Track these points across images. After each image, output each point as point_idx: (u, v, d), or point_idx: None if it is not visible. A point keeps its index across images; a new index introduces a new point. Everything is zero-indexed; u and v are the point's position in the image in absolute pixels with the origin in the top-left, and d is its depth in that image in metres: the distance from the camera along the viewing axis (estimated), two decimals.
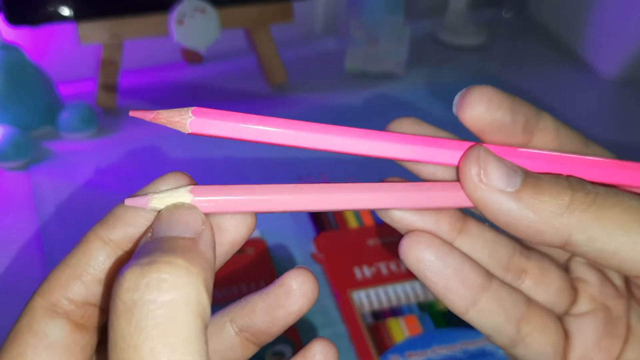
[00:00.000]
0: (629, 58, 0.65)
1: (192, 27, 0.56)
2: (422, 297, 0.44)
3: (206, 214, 0.17)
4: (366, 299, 0.43)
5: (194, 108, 0.17)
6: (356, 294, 0.43)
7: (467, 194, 0.17)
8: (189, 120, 0.17)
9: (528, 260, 0.20)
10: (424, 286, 0.19)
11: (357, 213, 0.49)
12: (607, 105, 0.67)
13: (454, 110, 0.18)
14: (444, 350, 0.41)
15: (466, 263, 0.19)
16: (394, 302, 0.43)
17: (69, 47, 0.62)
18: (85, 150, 0.55)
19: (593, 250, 0.17)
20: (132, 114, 0.17)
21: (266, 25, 0.62)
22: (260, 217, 0.19)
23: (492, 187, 0.17)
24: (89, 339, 0.17)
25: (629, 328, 0.20)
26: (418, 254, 0.19)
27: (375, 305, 0.43)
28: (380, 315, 0.43)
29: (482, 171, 0.17)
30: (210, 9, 0.56)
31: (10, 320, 0.17)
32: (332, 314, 0.43)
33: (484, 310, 0.19)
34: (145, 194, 0.17)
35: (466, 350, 0.41)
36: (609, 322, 0.20)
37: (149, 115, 0.17)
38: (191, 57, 0.66)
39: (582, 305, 0.20)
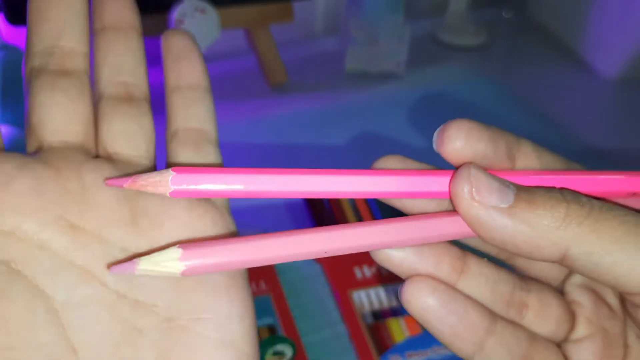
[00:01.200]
0: (629, 58, 0.65)
1: (192, 27, 0.56)
2: None
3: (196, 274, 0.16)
4: (366, 299, 0.43)
5: (173, 168, 0.16)
6: (356, 294, 0.43)
7: (462, 214, 0.17)
8: (170, 183, 0.16)
9: (528, 293, 0.20)
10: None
11: (357, 213, 0.49)
12: (607, 105, 0.67)
13: (434, 146, 0.18)
14: (444, 350, 0.41)
15: (470, 307, 0.18)
16: (394, 302, 0.43)
17: None
18: None
19: (590, 265, 0.17)
20: (108, 183, 0.16)
21: (266, 25, 0.62)
22: (261, 218, 0.19)
23: (485, 205, 0.16)
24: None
25: (626, 347, 0.20)
26: (421, 302, 0.18)
27: (375, 305, 0.43)
28: (380, 315, 0.43)
29: (473, 189, 0.16)
30: (210, 9, 0.56)
31: None
32: (332, 314, 0.43)
33: (490, 353, 0.19)
34: (132, 260, 0.16)
35: None
36: (606, 344, 0.20)
37: (126, 183, 0.16)
38: None
39: (580, 330, 0.20)
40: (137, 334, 0.16)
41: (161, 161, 0.20)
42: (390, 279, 0.44)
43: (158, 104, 0.21)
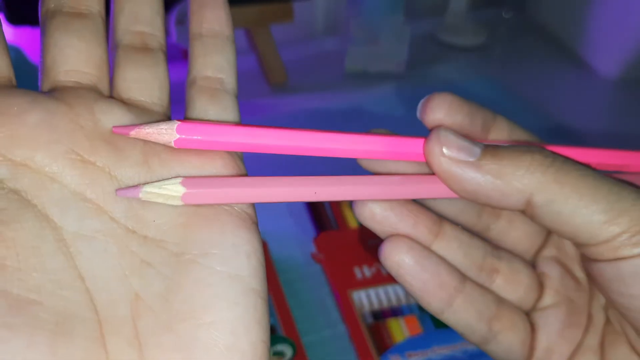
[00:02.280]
0: (629, 58, 0.65)
1: None
2: None
3: (195, 204, 0.17)
4: (366, 299, 0.43)
5: (179, 120, 0.18)
6: (356, 294, 0.43)
7: (435, 171, 0.19)
8: (174, 139, 0.17)
9: (500, 260, 0.22)
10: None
11: None
12: (607, 106, 0.67)
13: (418, 114, 0.20)
14: (444, 350, 0.41)
15: (442, 266, 0.20)
16: (394, 302, 0.43)
17: None
18: None
19: (551, 213, 0.18)
20: (115, 131, 0.17)
21: (266, 25, 0.62)
22: (261, 218, 0.19)
23: (455, 159, 0.18)
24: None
25: (589, 317, 0.21)
26: (398, 258, 0.20)
27: (375, 305, 0.43)
28: (380, 315, 0.43)
29: (444, 147, 0.18)
30: None
31: None
32: (332, 314, 0.43)
33: (458, 311, 0.20)
34: (137, 185, 0.17)
35: (466, 350, 0.41)
36: (571, 312, 0.21)
37: (130, 130, 0.17)
38: None
39: (547, 299, 0.22)
40: (146, 266, 0.16)
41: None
42: (390, 279, 0.44)
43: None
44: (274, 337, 0.40)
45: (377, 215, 0.20)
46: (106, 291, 0.15)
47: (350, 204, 0.22)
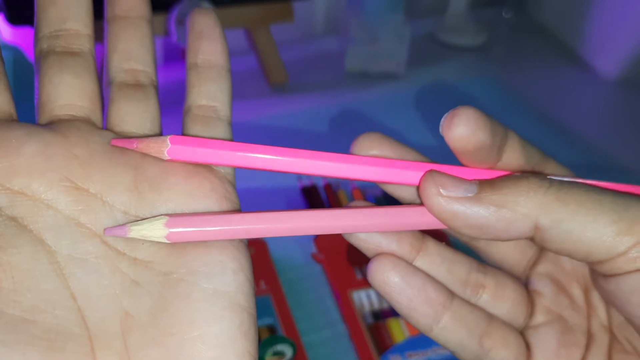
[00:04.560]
0: (629, 58, 0.65)
1: None
2: None
3: (181, 242, 0.18)
4: (366, 299, 0.43)
5: (171, 135, 0.19)
6: (356, 294, 0.43)
7: (435, 214, 0.19)
8: (167, 149, 0.18)
9: (485, 275, 0.21)
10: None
11: None
12: (607, 106, 0.67)
13: (440, 130, 0.19)
14: (444, 350, 0.41)
15: (428, 283, 0.20)
16: None
17: None
18: None
19: (561, 233, 0.18)
20: (113, 142, 0.19)
21: (266, 25, 0.62)
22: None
23: (454, 198, 0.18)
24: None
25: (590, 336, 0.21)
26: (384, 276, 0.20)
27: (375, 305, 0.43)
28: (380, 315, 0.43)
29: (440, 188, 0.18)
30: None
31: None
32: (332, 314, 0.43)
33: (447, 327, 0.20)
34: (124, 225, 0.17)
35: None
36: (565, 331, 0.21)
37: (130, 144, 0.19)
38: None
39: (539, 317, 0.21)
40: (135, 286, 0.17)
41: None
42: None
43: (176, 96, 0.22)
44: (274, 337, 0.40)
45: (361, 235, 0.20)
46: (97, 309, 0.16)
47: None
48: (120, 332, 0.16)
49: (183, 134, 0.21)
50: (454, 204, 0.18)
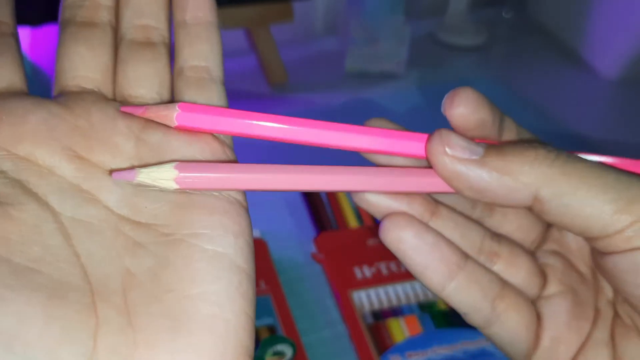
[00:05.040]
0: (629, 58, 0.65)
1: None
2: (422, 297, 0.44)
3: (190, 189, 0.18)
4: (366, 299, 0.43)
5: (180, 103, 0.19)
6: (356, 294, 0.43)
7: (439, 170, 0.19)
8: (175, 114, 0.18)
9: (499, 244, 0.21)
10: (405, 266, 0.21)
11: (357, 213, 0.49)
12: (607, 106, 0.67)
13: (442, 109, 0.20)
14: (444, 350, 0.41)
15: (443, 242, 0.20)
16: (394, 302, 0.43)
17: None
18: None
19: (560, 206, 0.18)
20: (123, 109, 0.19)
21: (266, 25, 0.62)
22: (261, 218, 0.19)
23: (459, 158, 0.18)
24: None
25: (597, 311, 0.21)
26: (397, 233, 0.20)
27: (376, 305, 0.43)
28: (380, 315, 0.43)
29: (447, 147, 0.18)
30: None
31: None
32: (332, 314, 0.43)
33: (461, 287, 0.20)
34: (132, 169, 0.18)
35: (467, 350, 0.41)
36: (577, 304, 0.21)
37: (138, 111, 0.19)
38: None
39: (552, 287, 0.21)
40: (137, 247, 0.17)
41: None
42: (390, 279, 0.44)
43: None
44: (274, 337, 0.40)
45: (371, 198, 0.20)
46: (99, 267, 0.17)
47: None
48: (121, 288, 0.16)
49: (176, 98, 0.21)
50: (458, 164, 0.18)
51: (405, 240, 0.20)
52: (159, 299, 0.16)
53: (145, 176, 0.18)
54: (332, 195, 0.50)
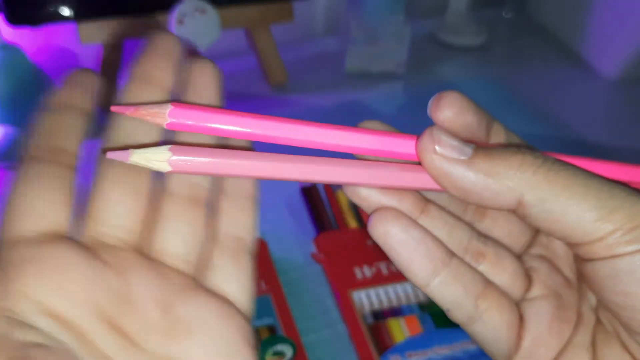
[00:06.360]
0: (629, 58, 0.65)
1: (192, 27, 0.56)
2: (422, 297, 0.44)
3: (182, 173, 0.18)
4: (366, 299, 0.43)
5: (172, 102, 0.18)
6: (356, 294, 0.43)
7: (427, 168, 0.19)
8: (167, 115, 0.18)
9: (485, 245, 0.22)
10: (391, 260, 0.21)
11: (357, 213, 0.49)
12: (608, 106, 0.67)
13: (428, 112, 0.20)
14: (444, 350, 0.41)
15: (429, 238, 0.20)
16: (394, 302, 0.43)
17: (69, 47, 0.62)
18: (84, 150, 0.55)
19: (543, 212, 0.18)
20: (113, 109, 0.18)
21: (266, 25, 0.62)
22: (261, 218, 0.19)
23: (447, 157, 0.18)
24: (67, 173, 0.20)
25: (580, 315, 0.21)
26: (385, 227, 0.20)
27: (376, 305, 0.43)
28: (380, 315, 0.43)
29: (436, 145, 0.19)
30: (210, 9, 0.56)
31: None
32: (332, 314, 0.43)
33: (445, 283, 0.20)
34: (127, 149, 0.17)
35: (467, 350, 0.41)
36: (559, 307, 0.21)
37: (128, 110, 0.18)
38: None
39: (536, 290, 0.22)
40: None
41: None
42: (390, 279, 0.44)
43: None
44: (274, 337, 0.40)
45: (361, 192, 0.20)
46: None
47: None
48: None
49: (210, 262, 0.21)
50: (445, 163, 0.18)
51: (393, 235, 0.20)
52: None
53: (139, 157, 0.17)
54: (332, 195, 0.50)
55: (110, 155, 0.17)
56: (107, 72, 0.58)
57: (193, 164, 0.17)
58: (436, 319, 0.42)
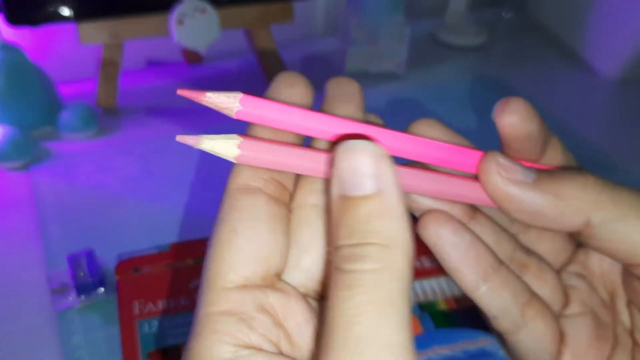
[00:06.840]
0: (629, 58, 0.65)
1: (192, 27, 0.56)
2: (422, 297, 0.44)
3: (248, 164, 0.17)
4: None
5: (242, 96, 0.18)
6: None
7: (490, 192, 0.19)
8: (238, 102, 0.18)
9: (528, 257, 0.21)
10: (438, 262, 0.21)
11: None
12: (607, 106, 0.67)
13: (493, 115, 0.20)
14: (444, 350, 0.41)
15: (480, 243, 0.20)
16: None
17: (69, 47, 0.62)
18: (85, 150, 0.55)
19: (609, 233, 0.18)
20: (179, 92, 0.17)
21: (266, 25, 0.62)
22: None
23: (513, 180, 0.18)
24: (284, 212, 0.18)
25: (616, 336, 0.21)
26: (436, 229, 0.20)
27: None
28: None
29: (501, 169, 0.18)
30: (210, 9, 0.56)
31: (11, 320, 0.17)
32: None
33: (494, 289, 0.20)
34: (197, 135, 0.17)
35: (467, 350, 0.41)
36: (598, 325, 0.21)
37: (198, 97, 0.17)
38: (191, 57, 0.66)
39: (574, 307, 0.21)
40: None
41: None
42: None
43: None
44: None
45: (412, 197, 0.20)
46: None
47: None
48: None
49: (324, 284, 0.19)
50: (511, 185, 0.18)
51: (444, 236, 0.20)
52: None
53: (208, 145, 0.17)
54: None
55: (179, 139, 0.17)
56: (107, 72, 0.58)
57: (258, 160, 0.17)
58: (436, 319, 0.42)
